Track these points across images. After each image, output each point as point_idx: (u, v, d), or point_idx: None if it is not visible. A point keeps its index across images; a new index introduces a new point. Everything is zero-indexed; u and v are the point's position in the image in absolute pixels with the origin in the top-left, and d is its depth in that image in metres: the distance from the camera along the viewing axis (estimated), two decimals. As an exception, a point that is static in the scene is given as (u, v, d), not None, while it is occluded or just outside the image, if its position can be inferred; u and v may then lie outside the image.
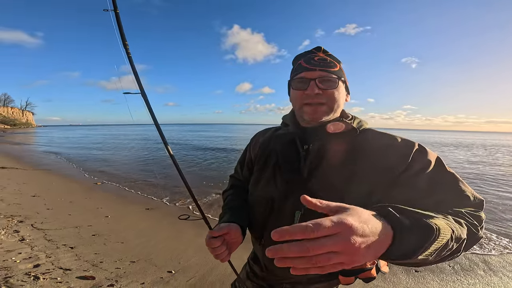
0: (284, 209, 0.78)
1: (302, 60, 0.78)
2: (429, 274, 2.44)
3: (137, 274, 2.34)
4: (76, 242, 2.98)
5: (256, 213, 0.86)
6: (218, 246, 0.73)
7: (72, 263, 2.46)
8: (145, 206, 4.49)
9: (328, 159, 0.76)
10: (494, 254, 2.91)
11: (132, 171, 8.08)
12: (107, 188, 5.75)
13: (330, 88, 0.73)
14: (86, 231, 3.36)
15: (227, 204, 0.92)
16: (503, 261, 2.75)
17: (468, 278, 2.42)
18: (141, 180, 6.69)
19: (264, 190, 0.83)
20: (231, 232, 0.76)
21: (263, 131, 1.01)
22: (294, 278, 0.89)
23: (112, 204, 4.61)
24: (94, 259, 2.57)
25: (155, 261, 2.60)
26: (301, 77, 0.75)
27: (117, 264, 2.50)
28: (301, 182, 0.76)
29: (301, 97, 0.76)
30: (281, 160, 0.83)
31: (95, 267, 2.42)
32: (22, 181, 6.05)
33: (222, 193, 1.06)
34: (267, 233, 0.83)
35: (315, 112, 0.74)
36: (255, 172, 0.90)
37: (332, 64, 0.75)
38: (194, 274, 2.36)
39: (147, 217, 4.02)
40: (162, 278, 2.29)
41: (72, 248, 2.80)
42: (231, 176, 1.10)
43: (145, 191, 5.61)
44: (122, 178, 6.92)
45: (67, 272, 2.27)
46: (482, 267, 2.61)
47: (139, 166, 9.31)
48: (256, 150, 0.94)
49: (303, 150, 0.79)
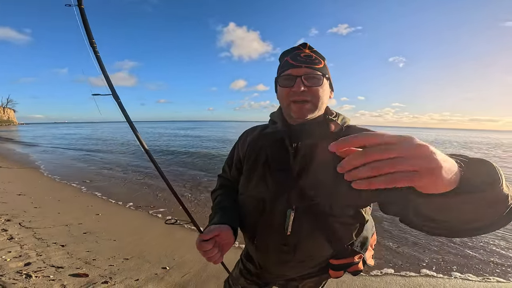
0: (276, 208, 0.78)
1: (289, 57, 0.77)
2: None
3: (131, 271, 2.35)
4: (67, 240, 2.94)
5: (248, 213, 0.85)
6: (209, 249, 0.71)
7: (64, 261, 2.44)
8: (136, 204, 4.45)
9: (317, 156, 0.76)
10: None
11: (121, 170, 7.95)
12: (97, 187, 5.65)
13: (315, 85, 0.74)
14: (76, 229, 3.31)
15: (217, 205, 0.90)
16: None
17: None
18: (132, 179, 6.61)
19: (255, 190, 0.83)
20: (222, 233, 0.75)
21: (250, 129, 0.99)
22: (288, 275, 0.90)
23: (102, 202, 4.55)
24: (87, 257, 2.55)
25: (148, 258, 2.61)
26: (288, 74, 0.75)
27: (110, 262, 2.49)
28: (291, 181, 0.76)
29: (287, 94, 0.76)
30: (271, 159, 0.82)
31: (88, 264, 2.41)
32: (7, 180, 5.86)
33: (210, 193, 1.04)
34: (259, 233, 0.84)
35: (300, 109, 0.75)
36: (244, 171, 0.89)
37: (317, 61, 0.76)
38: (189, 270, 2.39)
39: (138, 215, 3.98)
40: (156, 275, 2.31)
41: (63, 246, 2.76)
42: (219, 175, 1.07)
43: (136, 190, 5.55)
44: (111, 177, 6.80)
45: (59, 270, 2.25)
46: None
47: (128, 164, 9.17)
48: (245, 149, 0.93)
49: (292, 148, 0.79)
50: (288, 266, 0.84)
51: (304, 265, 0.84)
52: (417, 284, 2.28)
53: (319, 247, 0.79)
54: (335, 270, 0.83)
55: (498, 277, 2.42)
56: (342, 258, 0.81)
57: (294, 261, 0.82)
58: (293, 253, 0.79)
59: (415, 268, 2.56)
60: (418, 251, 2.90)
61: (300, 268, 0.86)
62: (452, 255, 2.82)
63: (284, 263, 0.84)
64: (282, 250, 0.80)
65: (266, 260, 0.89)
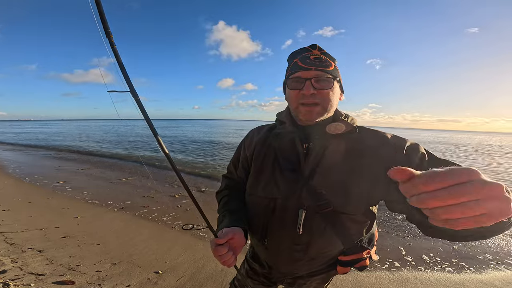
0: (287, 208, 0.77)
1: (298, 58, 0.76)
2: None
3: (121, 276, 2.22)
4: (44, 245, 2.71)
5: (258, 213, 0.84)
6: (225, 253, 0.70)
7: (45, 267, 2.24)
8: (118, 205, 4.22)
9: (329, 157, 0.76)
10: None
11: (98, 169, 7.50)
12: (72, 187, 5.26)
13: (325, 88, 0.73)
14: (54, 233, 3.06)
15: (225, 206, 0.89)
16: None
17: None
18: (111, 178, 6.25)
19: (265, 190, 0.82)
20: (236, 236, 0.74)
21: (257, 129, 0.98)
22: (297, 273, 0.90)
23: (80, 204, 4.25)
24: (70, 263, 2.37)
25: (138, 262, 2.49)
26: (297, 77, 0.74)
27: (97, 267, 2.34)
28: (303, 181, 0.76)
29: (296, 97, 0.75)
30: (281, 159, 0.82)
31: (72, 270, 2.24)
32: (-36, 180, 5.27)
33: (216, 194, 1.02)
34: (270, 234, 0.82)
35: (309, 113, 0.74)
36: (253, 172, 0.88)
37: (327, 63, 0.75)
38: (183, 273, 2.31)
39: (121, 216, 3.77)
40: (149, 279, 2.21)
41: (40, 252, 2.54)
42: (224, 176, 1.05)
43: (117, 190, 5.26)
44: (88, 177, 6.39)
45: (40, 278, 2.07)
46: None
47: (105, 162, 8.67)
48: (252, 149, 0.92)
49: (303, 149, 0.79)
50: (298, 264, 0.85)
51: (314, 262, 0.85)
52: (404, 279, 2.41)
53: (331, 244, 0.81)
54: (343, 266, 0.84)
55: (481, 269, 2.64)
56: (351, 255, 0.83)
57: (305, 259, 0.83)
58: (305, 251, 0.80)
59: (403, 263, 2.70)
60: (404, 245, 3.07)
61: (310, 266, 0.86)
62: (436, 249, 3.02)
63: (295, 262, 0.84)
64: (294, 249, 0.81)
65: (277, 260, 0.89)
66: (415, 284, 2.31)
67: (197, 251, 2.72)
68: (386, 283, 2.31)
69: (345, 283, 2.28)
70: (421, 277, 2.44)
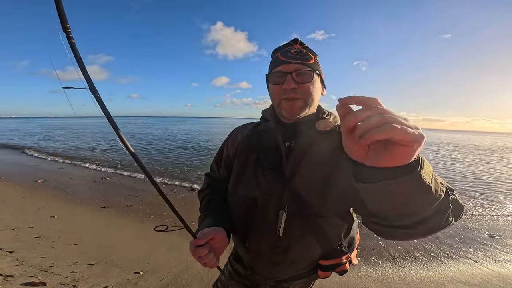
0: (268, 209, 0.76)
1: (279, 53, 0.76)
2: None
3: (98, 277, 2.10)
4: (15, 245, 2.54)
5: (239, 214, 0.82)
6: (205, 255, 0.68)
7: (14, 268, 2.09)
8: (99, 204, 4.04)
9: (311, 156, 0.75)
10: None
11: (77, 167, 7.20)
12: (50, 186, 5.00)
13: (305, 81, 0.71)
14: (26, 233, 2.88)
15: (206, 206, 0.87)
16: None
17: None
18: (91, 176, 6.00)
19: (247, 190, 0.80)
20: (217, 236, 0.71)
21: (241, 127, 0.96)
22: (278, 277, 0.88)
23: (58, 203, 4.03)
24: (42, 263, 2.22)
25: (117, 262, 2.36)
26: (278, 71, 0.73)
27: (72, 268, 2.20)
28: (284, 182, 0.74)
29: (278, 91, 0.74)
30: (263, 158, 0.80)
31: (45, 272, 2.09)
32: None
33: (198, 193, 0.99)
34: (251, 234, 0.81)
35: (291, 107, 0.73)
36: (235, 171, 0.86)
37: (307, 57, 0.74)
38: (167, 273, 2.22)
39: (102, 216, 3.61)
40: (128, 280, 2.10)
41: (10, 252, 2.37)
42: (206, 174, 1.02)
43: (97, 189, 5.04)
44: (67, 176, 6.10)
45: (8, 279, 1.91)
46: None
47: (85, 158, 8.34)
48: (235, 147, 0.89)
49: (285, 148, 0.77)
50: (279, 268, 0.83)
51: (294, 266, 0.83)
52: (388, 278, 2.43)
53: (310, 248, 0.79)
54: (323, 271, 0.82)
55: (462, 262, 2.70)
56: (331, 259, 0.81)
57: (285, 262, 0.80)
58: (285, 254, 0.78)
59: (387, 262, 2.73)
60: (388, 243, 3.10)
61: (291, 269, 0.84)
62: (414, 248, 3.08)
63: (275, 265, 0.82)
64: (274, 251, 0.78)
65: (257, 262, 0.86)
66: (398, 284, 2.32)
67: (183, 251, 2.61)
68: (370, 283, 2.31)
69: (331, 283, 2.26)
70: (404, 276, 2.47)
